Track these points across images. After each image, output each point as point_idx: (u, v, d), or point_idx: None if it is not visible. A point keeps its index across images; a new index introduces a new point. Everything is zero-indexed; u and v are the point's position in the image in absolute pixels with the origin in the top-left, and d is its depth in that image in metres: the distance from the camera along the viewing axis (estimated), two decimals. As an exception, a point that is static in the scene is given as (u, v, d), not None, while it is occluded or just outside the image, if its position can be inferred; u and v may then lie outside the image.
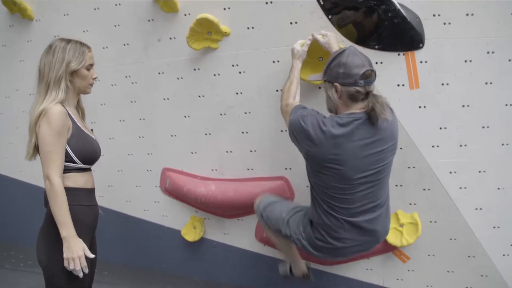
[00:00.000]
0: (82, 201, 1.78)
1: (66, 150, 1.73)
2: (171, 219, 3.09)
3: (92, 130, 2.01)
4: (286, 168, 2.62)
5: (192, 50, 2.59)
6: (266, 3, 2.36)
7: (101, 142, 3.04)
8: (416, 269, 2.52)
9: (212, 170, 2.81)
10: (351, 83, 1.84)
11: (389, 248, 2.48)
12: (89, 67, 1.87)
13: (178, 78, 2.72)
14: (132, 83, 2.88)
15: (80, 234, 1.69)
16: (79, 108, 1.97)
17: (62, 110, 1.72)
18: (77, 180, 1.78)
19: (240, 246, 2.90)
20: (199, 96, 2.70)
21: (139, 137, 2.98)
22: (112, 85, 2.94)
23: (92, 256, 1.70)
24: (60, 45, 1.79)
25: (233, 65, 2.55)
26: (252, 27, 2.44)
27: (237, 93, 2.59)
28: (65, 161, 1.72)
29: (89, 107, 2.99)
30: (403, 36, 2.16)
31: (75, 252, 1.63)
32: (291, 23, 2.34)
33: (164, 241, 3.14)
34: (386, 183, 1.98)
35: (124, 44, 2.81)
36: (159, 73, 2.77)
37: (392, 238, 2.39)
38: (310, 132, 1.89)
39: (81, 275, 1.66)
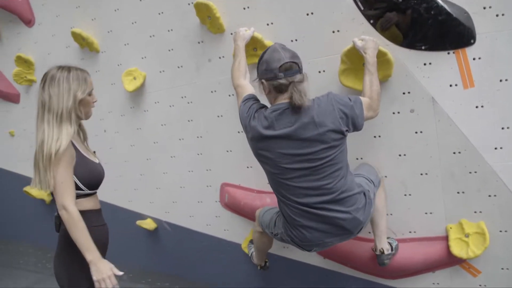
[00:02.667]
0: (93, 222, 1.90)
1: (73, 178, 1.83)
2: (232, 233, 3.27)
3: (94, 152, 2.09)
4: (340, 179, 2.66)
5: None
6: (307, 14, 2.47)
7: (164, 161, 3.38)
8: (489, 284, 2.41)
9: (268, 183, 2.94)
10: (273, 77, 2.02)
11: (456, 261, 2.41)
12: (91, 92, 1.96)
13: (229, 95, 2.91)
14: (188, 103, 3.14)
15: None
16: (80, 131, 2.06)
17: (68, 144, 1.81)
18: (86, 205, 1.89)
19: (300, 259, 2.98)
20: (249, 111, 2.86)
21: (198, 154, 3.21)
22: (170, 106, 3.23)
23: (120, 273, 1.78)
24: (63, 75, 1.86)
25: (280, 79, 2.67)
26: (296, 40, 2.55)
27: (286, 106, 2.70)
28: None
29: (151, 128, 3.37)
30: (450, 33, 2.13)
31: (105, 273, 1.74)
32: (333, 31, 2.42)
33: (226, 254, 3.33)
34: (330, 171, 2.03)
35: (178, 67, 3.07)
36: (212, 92, 2.99)
37: (457, 249, 2.32)
38: (244, 124, 2.16)
39: None
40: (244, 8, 2.67)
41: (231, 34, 2.75)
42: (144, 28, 3.14)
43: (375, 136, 2.47)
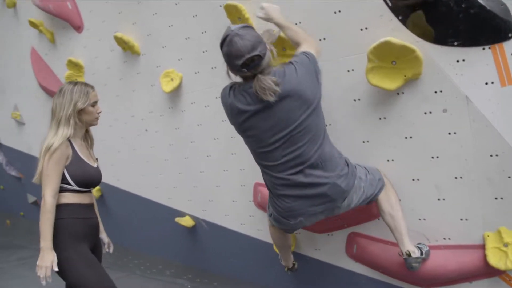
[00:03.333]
0: (76, 215, 2.12)
1: (64, 174, 2.09)
2: (265, 233, 3.27)
3: (97, 159, 2.37)
4: (371, 181, 2.59)
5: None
6: (335, 12, 2.42)
7: (200, 160, 3.47)
8: (532, 297, 2.24)
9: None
10: (237, 71, 2.11)
11: (494, 272, 2.25)
12: (94, 104, 2.24)
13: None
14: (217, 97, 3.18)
15: (74, 241, 2.05)
16: (88, 137, 2.37)
17: (62, 142, 2.08)
18: (72, 199, 2.12)
19: (332, 262, 2.93)
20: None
21: (232, 153, 3.26)
22: (205, 106, 3.30)
23: (56, 269, 1.96)
24: (68, 88, 2.18)
25: (309, 78, 2.64)
26: (324, 38, 2.51)
27: (316, 106, 2.67)
28: (63, 183, 2.09)
29: (188, 128, 3.46)
30: (485, 27, 2.00)
31: (45, 262, 1.94)
32: (361, 29, 2.36)
33: (259, 254, 3.35)
34: (307, 137, 2.11)
35: (212, 68, 3.14)
36: (243, 92, 3.01)
37: (495, 259, 2.18)
38: (223, 104, 2.31)
39: (43, 283, 1.95)
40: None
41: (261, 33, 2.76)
42: (180, 30, 3.24)
43: (406, 137, 2.37)
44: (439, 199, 2.36)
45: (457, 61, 2.12)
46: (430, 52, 2.17)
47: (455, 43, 2.10)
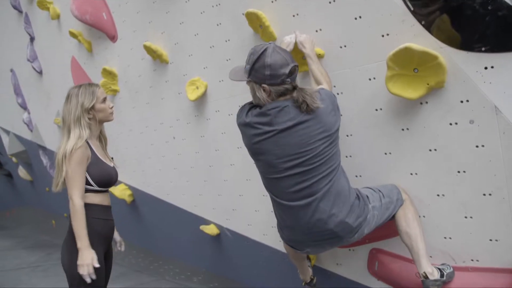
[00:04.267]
0: (98, 215, 2.15)
1: (85, 174, 2.11)
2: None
3: (112, 158, 2.36)
4: (394, 195, 2.44)
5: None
6: (355, 18, 2.32)
7: (224, 168, 3.43)
8: None
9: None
10: (279, 83, 2.00)
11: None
12: (103, 100, 2.24)
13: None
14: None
15: (95, 242, 2.06)
16: (102, 137, 2.35)
17: (81, 144, 2.09)
18: (94, 199, 2.15)
19: (353, 278, 2.79)
20: (302, 121, 2.77)
21: (254, 163, 3.19)
22: (229, 114, 3.27)
23: (97, 265, 2.00)
24: (73, 92, 2.20)
25: (330, 87, 2.55)
26: (345, 46, 2.42)
27: (336, 115, 2.57)
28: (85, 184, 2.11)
29: (212, 136, 3.45)
30: (515, 31, 1.82)
31: (86, 260, 1.98)
32: (382, 35, 2.24)
33: (281, 266, 3.25)
34: (323, 169, 2.01)
35: (236, 76, 3.09)
36: (265, 101, 2.95)
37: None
38: (238, 123, 2.22)
39: (88, 280, 1.98)
40: (294, 16, 2.61)
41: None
42: (205, 39, 3.24)
43: (430, 150, 2.22)
44: (466, 217, 2.18)
45: (485, 68, 1.95)
46: (455, 58, 2.02)
47: (483, 49, 1.94)
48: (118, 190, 4.82)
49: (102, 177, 2.18)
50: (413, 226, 2.20)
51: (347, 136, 2.56)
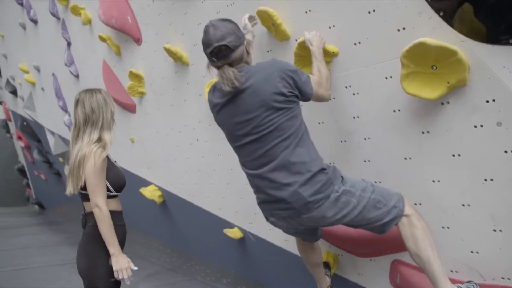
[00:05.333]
0: (116, 222, 2.10)
1: None
2: (307, 251, 3.03)
3: (115, 161, 2.31)
4: (415, 204, 2.22)
5: (307, 76, 2.54)
6: (369, 12, 2.13)
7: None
8: None
9: (340, 202, 2.64)
10: (209, 60, 2.09)
11: None
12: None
13: (300, 105, 2.70)
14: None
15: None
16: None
17: (102, 150, 2.06)
18: (111, 205, 2.11)
19: (376, 290, 2.59)
20: (319, 123, 2.61)
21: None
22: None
23: (135, 268, 2.02)
24: (102, 95, 2.16)
25: (346, 87, 2.38)
26: (359, 42, 2.23)
27: (354, 117, 2.39)
28: None
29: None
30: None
31: (123, 264, 1.98)
32: (398, 30, 2.03)
33: (302, 272, 3.10)
34: (273, 137, 1.99)
35: (252, 77, 2.98)
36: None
37: None
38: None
39: (128, 283, 2.00)
40: (306, 12, 2.45)
41: (296, 41, 2.54)
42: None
43: (453, 155, 1.99)
44: (494, 230, 1.93)
45: (514, 63, 1.71)
46: (479, 53, 1.79)
47: (511, 41, 1.69)
48: (148, 191, 4.85)
49: (119, 181, 2.18)
50: (423, 248, 1.96)
51: (365, 139, 2.37)
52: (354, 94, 2.34)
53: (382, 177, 2.35)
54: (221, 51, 2.00)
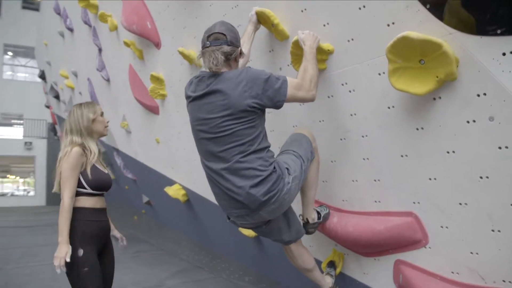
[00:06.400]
0: (89, 218, 2.27)
1: (80, 179, 2.26)
2: (316, 250, 3.01)
3: (106, 166, 2.50)
4: (414, 202, 2.15)
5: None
6: (359, 8, 2.08)
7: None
8: None
9: (343, 200, 2.60)
10: (203, 45, 2.14)
11: None
12: (101, 114, 2.45)
13: (300, 105, 2.68)
14: (268, 112, 3.01)
15: (86, 241, 2.20)
16: (99, 148, 2.47)
17: (78, 150, 2.25)
18: (86, 202, 2.28)
19: (382, 291, 2.52)
20: (320, 121, 2.58)
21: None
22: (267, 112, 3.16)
23: (67, 260, 2.09)
24: (77, 107, 2.41)
25: (342, 84, 2.33)
26: (352, 39, 2.18)
27: (351, 115, 2.34)
28: (79, 187, 2.26)
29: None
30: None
31: (61, 254, 2.10)
32: (388, 25, 1.97)
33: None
34: (228, 141, 2.05)
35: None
36: (285, 101, 2.80)
37: None
38: None
39: (58, 271, 2.10)
40: (302, 11, 2.42)
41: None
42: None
43: (448, 152, 1.90)
44: (493, 230, 1.83)
45: (503, 54, 1.61)
46: (467, 45, 1.70)
47: (498, 31, 1.60)
48: (173, 190, 4.97)
49: (96, 182, 2.32)
50: (313, 176, 2.36)
51: (363, 137, 2.31)
52: (350, 91, 2.29)
53: (381, 175, 2.29)
54: (219, 38, 2.11)
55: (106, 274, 2.34)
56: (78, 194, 2.27)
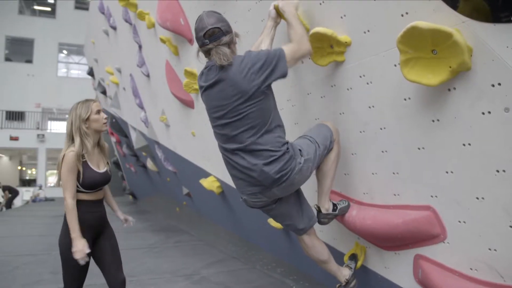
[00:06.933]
0: (87, 208, 2.45)
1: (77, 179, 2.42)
2: (339, 242, 3.01)
3: (108, 162, 2.61)
4: (431, 196, 2.11)
5: (328, 67, 2.52)
6: (374, -1, 2.05)
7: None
8: None
9: (364, 193, 2.58)
10: (202, 43, 2.24)
11: None
12: (98, 112, 2.49)
13: (321, 97, 2.69)
14: (292, 106, 3.04)
15: (83, 229, 2.35)
16: (102, 144, 2.59)
17: (72, 155, 2.37)
18: (83, 197, 2.45)
19: (400, 284, 2.49)
20: (340, 114, 2.57)
21: (305, 157, 3.07)
22: (280, 109, 3.18)
23: (88, 251, 2.29)
24: (73, 107, 2.50)
25: (360, 76, 2.32)
26: (368, 31, 2.16)
27: (369, 107, 2.33)
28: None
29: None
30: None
31: (78, 247, 2.28)
32: (402, 15, 1.94)
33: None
34: (243, 124, 2.18)
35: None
36: (308, 94, 2.81)
37: None
38: None
39: (82, 263, 2.29)
40: (320, 4, 2.41)
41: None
42: (255, 35, 3.19)
43: (464, 144, 1.85)
44: (511, 226, 1.77)
45: (517, 43, 1.55)
46: (480, 34, 1.64)
47: (511, 18, 1.53)
48: (207, 182, 5.10)
49: (89, 183, 2.46)
50: (329, 165, 2.43)
51: (381, 129, 2.29)
52: (368, 83, 2.27)
53: (399, 167, 2.25)
54: (215, 33, 2.20)
55: (108, 259, 2.49)
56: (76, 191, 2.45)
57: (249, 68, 2.14)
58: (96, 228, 2.51)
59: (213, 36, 2.20)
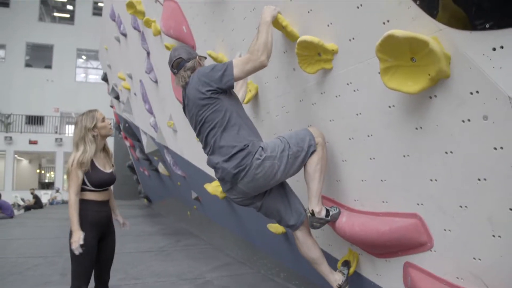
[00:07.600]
0: (92, 207, 2.73)
1: (84, 179, 2.70)
2: (334, 248, 2.99)
3: (112, 165, 2.90)
4: (418, 204, 2.08)
5: (317, 75, 2.52)
6: (357, 7, 2.04)
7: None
8: None
9: (355, 200, 2.57)
10: (174, 74, 2.71)
11: None
12: (103, 120, 2.81)
13: (312, 104, 2.69)
14: (287, 112, 3.05)
15: (88, 228, 2.62)
16: (107, 149, 2.92)
17: (75, 167, 2.66)
18: (89, 196, 2.74)
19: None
20: (330, 121, 2.57)
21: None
22: (276, 116, 3.21)
23: (81, 242, 2.52)
24: (79, 119, 2.80)
25: (347, 84, 2.31)
26: (353, 38, 2.15)
27: (357, 114, 2.31)
28: (83, 185, 2.71)
29: (265, 137, 3.41)
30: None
31: (74, 238, 2.54)
32: (383, 23, 1.93)
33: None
34: (204, 128, 2.49)
35: (275, 78, 3.02)
36: (300, 101, 2.82)
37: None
38: None
39: (77, 252, 2.52)
40: (308, 12, 2.42)
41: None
42: (249, 42, 3.22)
43: (446, 152, 1.82)
44: (493, 236, 1.73)
45: (493, 49, 1.52)
46: (457, 41, 1.62)
47: (486, 25, 1.51)
48: (211, 187, 5.12)
49: (97, 181, 2.76)
50: (314, 167, 2.46)
51: (368, 136, 2.27)
52: (354, 90, 2.26)
53: (386, 174, 2.23)
54: (179, 62, 2.65)
55: (103, 258, 2.81)
56: (83, 189, 2.72)
57: (197, 80, 2.47)
58: (102, 227, 2.77)
59: (178, 65, 2.64)
